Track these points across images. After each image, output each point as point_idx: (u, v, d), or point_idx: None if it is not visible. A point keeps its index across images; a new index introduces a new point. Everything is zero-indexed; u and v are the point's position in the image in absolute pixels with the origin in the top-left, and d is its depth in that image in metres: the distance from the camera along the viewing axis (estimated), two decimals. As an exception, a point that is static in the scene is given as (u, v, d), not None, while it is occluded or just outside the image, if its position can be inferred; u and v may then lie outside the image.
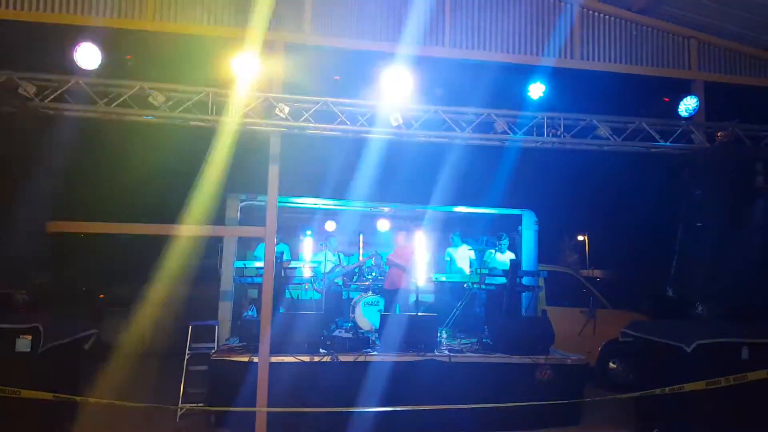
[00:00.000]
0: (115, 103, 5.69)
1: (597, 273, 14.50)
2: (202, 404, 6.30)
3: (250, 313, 7.89)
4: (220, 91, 5.77)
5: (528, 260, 8.73)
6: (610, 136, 6.30)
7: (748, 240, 5.82)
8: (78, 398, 5.19)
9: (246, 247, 8.81)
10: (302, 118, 5.87)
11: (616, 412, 6.76)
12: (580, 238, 16.31)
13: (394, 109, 5.91)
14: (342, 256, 8.56)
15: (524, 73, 6.21)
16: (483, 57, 6.28)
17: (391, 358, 6.25)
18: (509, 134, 6.20)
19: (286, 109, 5.73)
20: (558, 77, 6.24)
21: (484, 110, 6.11)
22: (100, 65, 5.59)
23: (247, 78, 5.63)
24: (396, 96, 5.90)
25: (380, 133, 6.07)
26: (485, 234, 9.58)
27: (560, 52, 6.31)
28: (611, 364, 8.66)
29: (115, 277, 9.85)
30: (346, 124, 5.96)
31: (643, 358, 5.97)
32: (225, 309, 7.64)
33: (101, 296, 10.45)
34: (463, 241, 9.33)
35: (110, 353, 6.71)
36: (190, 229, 6.42)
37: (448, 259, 9.24)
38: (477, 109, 6.12)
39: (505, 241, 8.71)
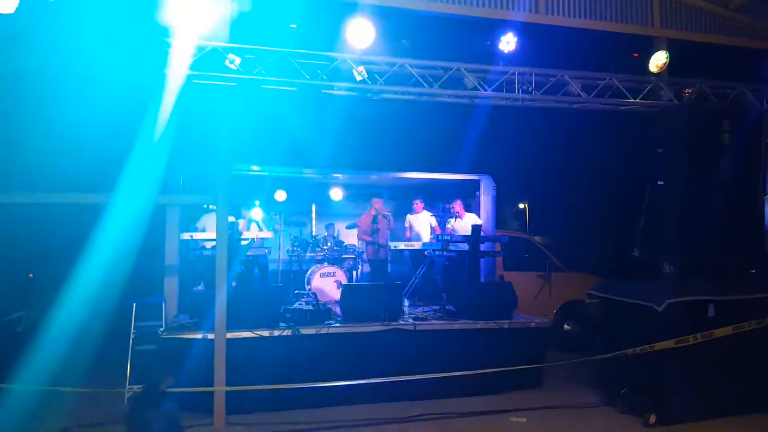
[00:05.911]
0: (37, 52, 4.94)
1: (538, 239, 14.64)
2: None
3: (199, 287, 7.38)
4: (160, 39, 5.12)
5: (486, 226, 8.60)
6: (580, 93, 6.16)
7: (713, 197, 5.86)
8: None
9: (191, 219, 8.16)
10: (255, 71, 5.33)
11: (575, 373, 6.80)
12: (521, 206, 16.23)
13: (358, 62, 5.47)
14: (258, 224, 8.18)
15: (494, 28, 5.93)
16: (448, 10, 5.92)
17: (355, 329, 6.03)
18: (479, 90, 5.93)
19: (238, 61, 5.16)
20: (529, 34, 6.00)
21: (453, 64, 5.79)
22: (18, 8, 4.80)
23: (193, 25, 5.01)
24: (359, 49, 5.48)
25: (343, 88, 5.63)
26: (444, 201, 9.38)
27: (529, 6, 6.04)
28: (566, 326, 8.80)
29: (46, 253, 8.92)
30: (306, 78, 5.47)
31: (611, 319, 5.91)
32: (171, 284, 7.04)
33: (30, 275, 9.50)
34: (425, 208, 9.08)
35: (48, 336, 6.04)
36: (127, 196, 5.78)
37: (407, 225, 9.00)
38: (446, 63, 5.79)
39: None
